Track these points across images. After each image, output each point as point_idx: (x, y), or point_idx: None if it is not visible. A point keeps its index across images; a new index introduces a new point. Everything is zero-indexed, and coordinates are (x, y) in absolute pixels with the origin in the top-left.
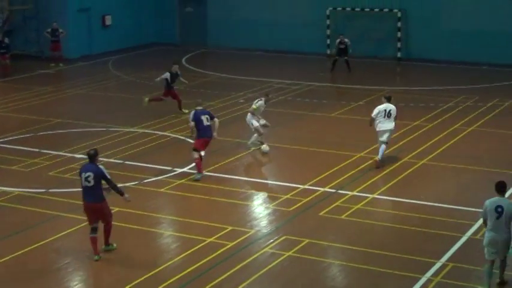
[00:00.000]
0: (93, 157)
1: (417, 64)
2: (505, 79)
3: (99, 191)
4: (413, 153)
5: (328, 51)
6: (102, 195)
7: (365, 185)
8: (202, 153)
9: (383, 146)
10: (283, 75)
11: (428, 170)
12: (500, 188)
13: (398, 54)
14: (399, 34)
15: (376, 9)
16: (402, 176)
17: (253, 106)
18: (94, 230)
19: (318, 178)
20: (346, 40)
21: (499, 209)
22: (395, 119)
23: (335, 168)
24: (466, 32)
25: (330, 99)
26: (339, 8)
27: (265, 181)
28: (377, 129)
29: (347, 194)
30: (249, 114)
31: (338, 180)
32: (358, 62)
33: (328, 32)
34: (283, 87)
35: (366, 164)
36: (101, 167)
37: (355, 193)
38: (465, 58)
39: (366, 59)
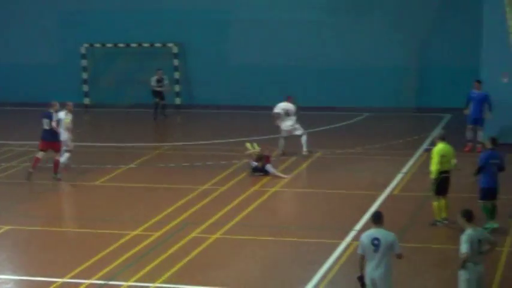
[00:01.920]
0: None
1: (202, 112)
2: (312, 125)
3: None
4: (204, 226)
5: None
6: None
7: (143, 272)
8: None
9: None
10: (27, 135)
11: (224, 246)
12: (376, 219)
13: (177, 101)
14: (177, 75)
15: (146, 44)
16: (191, 256)
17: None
18: None
19: (82, 267)
20: (164, 77)
21: (376, 241)
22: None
23: (103, 253)
24: (259, 69)
25: (92, 162)
26: (97, 45)
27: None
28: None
29: (121, 286)
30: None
31: (107, 269)
32: (123, 112)
33: (85, 75)
34: (28, 150)
35: (145, 243)
36: None
37: (131, 283)
38: (259, 102)
39: (135, 109)
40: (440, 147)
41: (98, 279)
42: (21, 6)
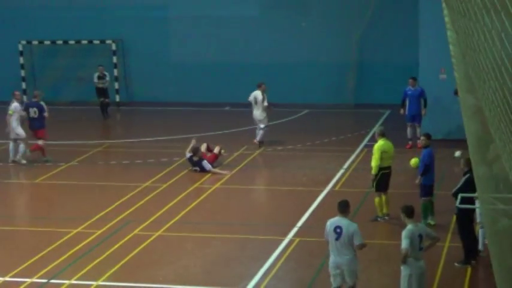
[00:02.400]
0: None
1: (143, 109)
2: (253, 121)
3: None
4: (145, 224)
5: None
6: None
7: (85, 270)
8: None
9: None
10: None
11: (166, 243)
12: (342, 208)
13: (117, 98)
14: (116, 72)
15: (84, 41)
16: (133, 253)
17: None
18: None
19: (23, 266)
20: (106, 73)
21: (338, 230)
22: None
23: (45, 251)
24: (199, 66)
25: (31, 160)
26: (35, 42)
27: None
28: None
29: (63, 284)
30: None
31: (50, 267)
32: (62, 110)
33: (23, 73)
34: None
35: (86, 241)
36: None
37: (73, 282)
38: (201, 98)
39: (73, 106)
40: (380, 143)
41: (40, 277)
42: None
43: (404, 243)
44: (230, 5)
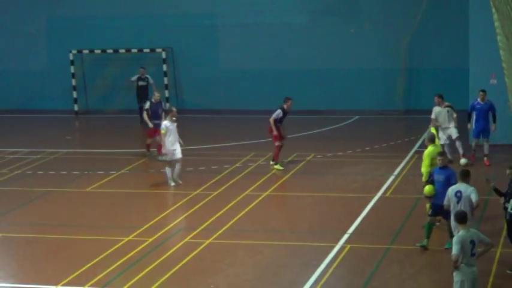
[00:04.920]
0: None
1: (192, 117)
2: (303, 128)
3: None
4: (196, 232)
5: None
6: None
7: (137, 278)
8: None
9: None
10: (17, 142)
11: (217, 251)
12: (462, 176)
13: (167, 106)
14: (166, 80)
15: (134, 50)
16: (184, 261)
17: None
18: None
19: (75, 274)
20: (147, 76)
21: (458, 194)
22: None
23: (97, 259)
24: (249, 73)
25: (83, 169)
26: (85, 51)
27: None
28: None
29: None
30: None
31: (101, 275)
32: (113, 118)
33: (74, 82)
34: (20, 157)
35: (138, 248)
36: None
37: None
38: (250, 106)
39: (122, 114)
40: (430, 149)
41: (92, 286)
42: (9, 13)
43: (454, 249)
44: (279, 12)
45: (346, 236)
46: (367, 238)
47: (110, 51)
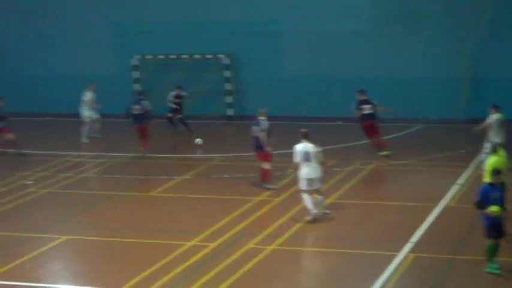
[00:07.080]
0: None
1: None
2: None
3: None
4: (259, 238)
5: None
6: None
7: (199, 282)
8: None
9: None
10: (82, 145)
11: (280, 257)
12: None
13: (229, 112)
14: (228, 86)
15: (197, 56)
16: (247, 267)
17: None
18: None
19: (139, 277)
20: (184, 94)
21: None
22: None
23: (161, 263)
24: (309, 80)
25: (146, 173)
26: (149, 56)
27: None
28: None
29: None
30: None
31: (165, 279)
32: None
33: (137, 87)
34: (84, 161)
35: (201, 253)
36: None
37: None
38: (312, 112)
39: (188, 119)
40: (493, 160)
41: None
42: (74, 19)
43: None
44: (341, 19)
45: (409, 245)
46: (431, 247)
47: (173, 56)
